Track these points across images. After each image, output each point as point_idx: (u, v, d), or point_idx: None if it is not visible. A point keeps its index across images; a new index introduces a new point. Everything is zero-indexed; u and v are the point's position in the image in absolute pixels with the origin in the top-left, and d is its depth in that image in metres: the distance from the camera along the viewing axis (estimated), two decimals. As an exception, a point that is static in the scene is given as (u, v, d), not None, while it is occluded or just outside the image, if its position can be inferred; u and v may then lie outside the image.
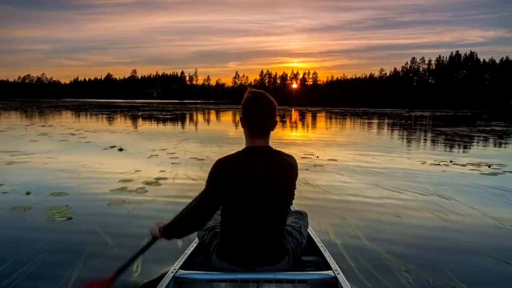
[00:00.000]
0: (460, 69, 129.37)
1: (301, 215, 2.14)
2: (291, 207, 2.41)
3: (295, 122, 19.36)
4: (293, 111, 36.40)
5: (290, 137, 10.84)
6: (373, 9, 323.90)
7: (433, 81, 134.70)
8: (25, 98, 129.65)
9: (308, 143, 9.23)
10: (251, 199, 1.67)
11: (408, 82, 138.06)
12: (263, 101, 1.69)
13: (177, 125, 15.67)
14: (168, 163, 5.96)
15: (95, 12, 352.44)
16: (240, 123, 1.77)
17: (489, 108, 51.93)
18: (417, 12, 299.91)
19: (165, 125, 15.54)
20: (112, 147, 7.75)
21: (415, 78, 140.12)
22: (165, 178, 4.84)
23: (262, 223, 1.71)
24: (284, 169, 1.72)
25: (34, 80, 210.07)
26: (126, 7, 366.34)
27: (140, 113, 25.62)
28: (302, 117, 25.25)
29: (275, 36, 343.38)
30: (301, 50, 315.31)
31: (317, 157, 6.81)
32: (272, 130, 1.76)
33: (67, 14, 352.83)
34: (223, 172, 1.67)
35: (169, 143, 8.64)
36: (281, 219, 1.77)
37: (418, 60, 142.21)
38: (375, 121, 19.74)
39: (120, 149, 7.44)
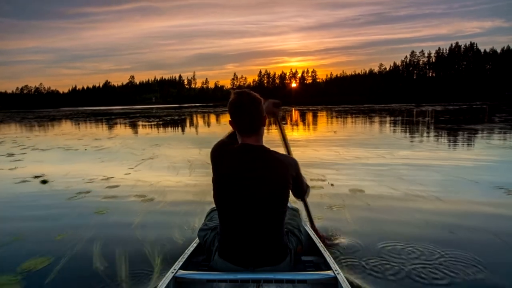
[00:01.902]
0: (460, 61, 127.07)
1: (296, 212, 2.14)
2: None
3: (296, 124, 16.97)
4: (293, 110, 34.06)
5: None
6: (369, 4, 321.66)
7: (433, 74, 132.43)
8: (23, 109, 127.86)
9: (315, 156, 6.89)
10: (241, 197, 1.65)
11: (408, 76, 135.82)
12: (245, 100, 1.67)
13: (155, 135, 13.35)
14: (90, 211, 3.63)
15: (91, 20, 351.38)
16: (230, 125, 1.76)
17: (494, 99, 49.57)
18: (412, 6, 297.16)
19: (140, 135, 13.22)
20: (36, 177, 5.43)
21: (415, 71, 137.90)
22: (50, 265, 2.49)
23: (257, 223, 1.68)
24: (275, 167, 1.67)
25: (32, 90, 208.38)
26: (122, 14, 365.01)
27: (126, 121, 23.31)
28: (304, 117, 22.85)
29: (272, 36, 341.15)
30: (299, 49, 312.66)
31: (332, 185, 4.49)
32: (263, 126, 1.74)
33: (63, 23, 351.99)
34: (213, 156, 1.76)
35: (124, 165, 6.31)
36: (278, 219, 1.72)
37: (417, 53, 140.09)
38: (387, 118, 17.35)
39: (44, 182, 5.13)
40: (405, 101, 52.29)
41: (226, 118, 21.96)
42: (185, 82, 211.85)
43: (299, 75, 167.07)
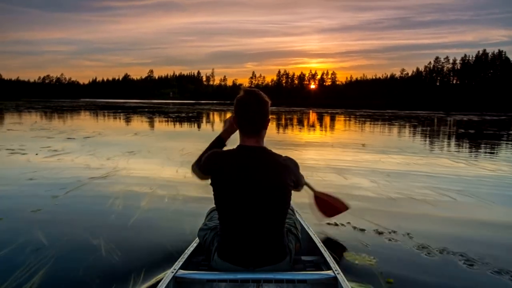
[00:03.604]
0: (487, 69, 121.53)
1: (291, 210, 2.09)
2: None
3: (312, 129, 14.63)
4: (311, 113, 31.65)
5: (307, 168, 6.21)
6: (393, 8, 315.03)
7: (458, 82, 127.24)
8: (43, 98, 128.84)
9: (342, 192, 4.61)
10: (241, 197, 1.64)
11: (430, 82, 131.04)
12: (253, 100, 1.65)
13: (140, 137, 11.27)
14: None
15: (115, 14, 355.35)
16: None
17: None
18: (438, 12, 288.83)
19: (123, 135, 11.08)
20: None
21: (438, 78, 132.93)
22: None
23: (258, 224, 1.66)
24: (275, 169, 1.65)
25: (54, 80, 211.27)
26: (145, 9, 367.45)
27: (127, 116, 21.46)
28: (322, 122, 20.45)
29: (293, 37, 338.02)
30: (320, 51, 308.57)
31: (389, 283, 2.23)
32: (265, 128, 1.72)
33: (88, 16, 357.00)
34: (210, 162, 1.71)
35: (54, 188, 4.17)
36: (278, 219, 1.70)
37: (442, 59, 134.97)
38: (424, 129, 14.82)
39: None
40: (430, 108, 49.12)
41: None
42: (204, 78, 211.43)
43: (319, 76, 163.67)
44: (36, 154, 6.74)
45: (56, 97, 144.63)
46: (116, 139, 9.85)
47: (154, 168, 5.61)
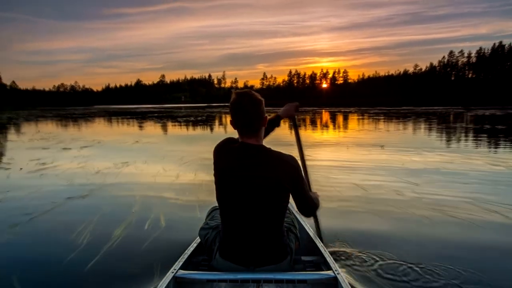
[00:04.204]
0: (504, 61, 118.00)
1: (288, 209, 2.03)
2: None
3: (326, 128, 13.77)
4: (323, 113, 30.73)
5: (321, 170, 5.42)
6: (404, 4, 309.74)
7: (474, 76, 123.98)
8: (58, 106, 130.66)
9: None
10: (242, 194, 1.63)
11: (445, 77, 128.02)
12: (245, 101, 1.65)
13: (142, 143, 10.65)
14: None
15: (127, 20, 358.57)
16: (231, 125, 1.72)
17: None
18: (450, 5, 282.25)
19: (123, 142, 10.46)
20: None
21: (453, 72, 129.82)
22: None
23: (258, 222, 1.65)
24: (273, 166, 1.64)
25: (68, 88, 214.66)
26: (155, 15, 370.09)
27: (139, 121, 21.00)
28: (335, 122, 19.53)
29: (303, 36, 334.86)
30: (330, 49, 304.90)
31: None
32: (264, 126, 1.70)
33: (100, 23, 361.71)
34: (215, 152, 1.73)
35: (16, 215, 3.53)
36: (278, 217, 1.69)
37: (456, 53, 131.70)
38: (451, 126, 13.83)
39: None
40: (447, 104, 47.58)
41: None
42: (215, 81, 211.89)
43: (330, 75, 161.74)
44: (21, 168, 6.14)
45: (70, 105, 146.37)
46: (114, 147, 9.22)
47: (146, 184, 4.92)
